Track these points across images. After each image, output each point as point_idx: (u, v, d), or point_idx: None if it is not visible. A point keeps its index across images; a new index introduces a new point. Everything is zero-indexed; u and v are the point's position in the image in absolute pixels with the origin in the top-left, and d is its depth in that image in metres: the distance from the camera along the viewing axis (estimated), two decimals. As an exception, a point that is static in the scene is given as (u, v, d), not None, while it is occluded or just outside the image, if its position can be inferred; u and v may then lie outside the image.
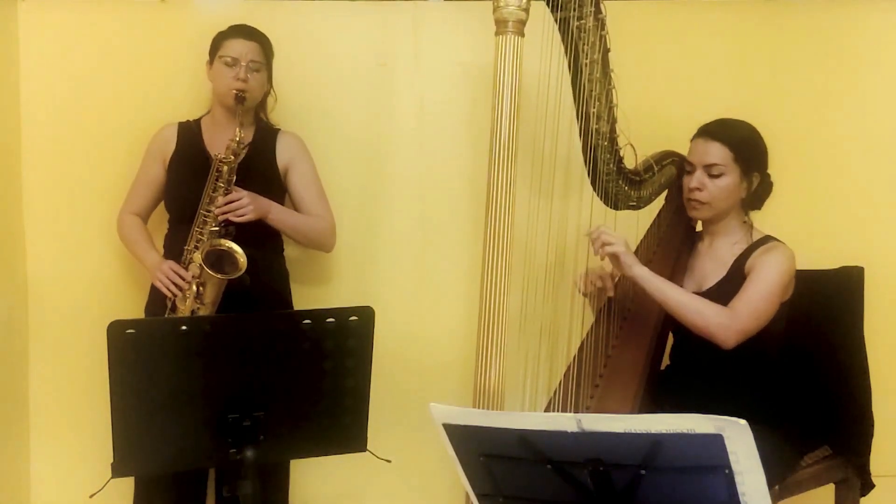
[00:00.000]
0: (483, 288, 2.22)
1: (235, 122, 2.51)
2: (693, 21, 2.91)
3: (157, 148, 2.66)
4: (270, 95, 2.69)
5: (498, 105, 2.19)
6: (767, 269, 2.19)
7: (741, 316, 2.14)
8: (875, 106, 2.91)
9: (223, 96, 2.56)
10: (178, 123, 2.68)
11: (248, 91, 2.53)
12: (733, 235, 2.31)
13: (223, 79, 2.54)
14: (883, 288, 2.63)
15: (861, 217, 2.91)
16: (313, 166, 2.73)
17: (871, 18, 2.90)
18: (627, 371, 2.27)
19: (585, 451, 1.39)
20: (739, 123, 2.30)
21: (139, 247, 2.63)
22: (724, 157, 2.24)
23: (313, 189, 2.71)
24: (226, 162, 2.47)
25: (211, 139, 2.63)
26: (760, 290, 2.17)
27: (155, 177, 2.66)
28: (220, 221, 2.46)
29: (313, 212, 2.69)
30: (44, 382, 2.92)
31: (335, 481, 2.95)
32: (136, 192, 2.69)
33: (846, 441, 2.40)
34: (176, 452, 1.81)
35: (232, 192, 2.47)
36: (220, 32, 2.61)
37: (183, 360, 1.73)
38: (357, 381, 1.85)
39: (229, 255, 2.46)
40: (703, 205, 2.28)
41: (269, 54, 2.62)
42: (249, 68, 2.54)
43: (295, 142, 2.71)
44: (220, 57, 2.55)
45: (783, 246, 2.26)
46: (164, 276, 2.47)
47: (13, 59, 2.85)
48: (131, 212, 2.69)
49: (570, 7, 2.19)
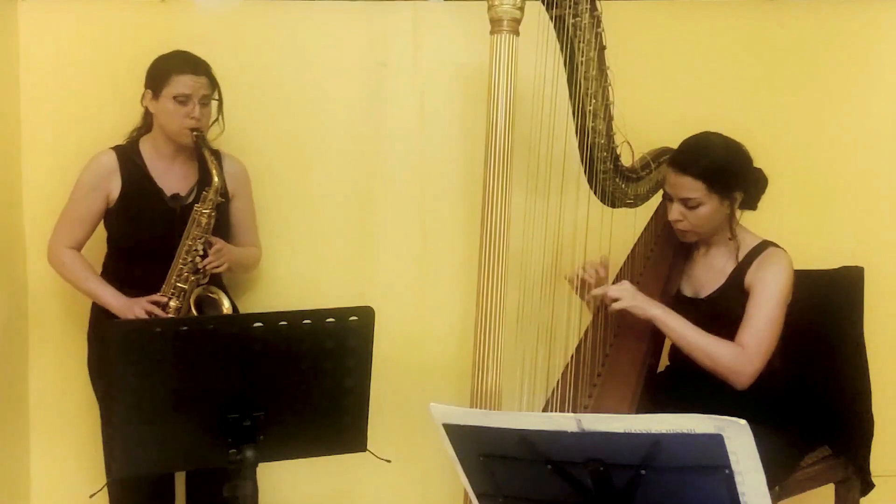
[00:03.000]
0: (480, 287, 2.22)
1: (184, 155, 2.57)
2: (690, 19, 2.91)
3: (96, 181, 2.56)
4: (217, 124, 2.61)
5: (493, 103, 2.19)
6: (766, 292, 2.18)
7: (753, 357, 2.14)
8: (875, 106, 2.91)
9: (177, 135, 2.51)
10: (114, 151, 2.58)
11: (203, 128, 2.52)
12: (727, 245, 2.30)
13: (175, 117, 2.48)
14: (883, 288, 2.63)
15: (861, 217, 2.91)
16: (251, 194, 2.75)
17: (871, 18, 2.90)
18: (625, 370, 2.27)
19: (585, 451, 1.39)
20: (711, 146, 2.23)
21: (90, 283, 2.56)
22: (697, 189, 2.19)
23: (253, 219, 2.76)
24: (204, 212, 2.48)
25: (157, 171, 2.58)
26: (765, 319, 2.17)
27: (97, 210, 2.57)
28: (198, 269, 2.49)
29: (249, 241, 2.74)
30: (44, 383, 2.92)
31: (335, 481, 2.95)
32: (75, 225, 2.58)
33: (846, 441, 2.40)
34: (176, 452, 1.81)
35: (211, 241, 2.49)
36: (163, 62, 2.52)
37: (183, 360, 1.73)
38: (357, 381, 1.85)
39: (213, 301, 2.54)
40: (686, 232, 2.28)
41: (215, 84, 2.56)
42: (201, 104, 2.50)
43: (240, 168, 2.70)
44: (174, 96, 2.48)
45: (780, 254, 2.25)
46: (144, 311, 2.46)
47: (13, 59, 2.85)
48: (68, 245, 2.58)
49: (565, 5, 2.19)
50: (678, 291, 2.36)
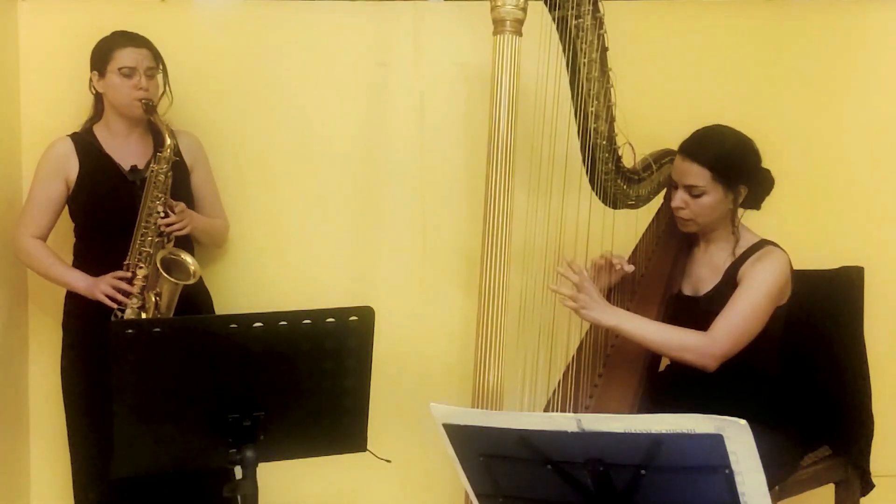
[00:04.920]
0: (482, 287, 2.22)
1: (139, 131, 2.61)
2: (692, 20, 2.91)
3: (55, 165, 2.59)
4: (166, 96, 2.65)
5: (496, 104, 2.19)
6: (753, 283, 2.18)
7: (719, 341, 2.14)
8: (875, 106, 2.91)
9: (127, 108, 2.55)
10: (69, 137, 2.62)
11: (152, 98, 2.55)
12: (726, 242, 2.30)
13: (123, 89, 2.53)
14: (883, 288, 2.63)
15: (861, 217, 2.91)
16: (210, 166, 2.77)
17: (871, 18, 2.90)
18: (627, 370, 2.27)
19: (585, 451, 1.39)
20: (721, 138, 2.24)
21: (56, 269, 2.58)
22: (702, 177, 2.20)
23: (215, 190, 2.78)
24: (161, 171, 2.49)
25: (114, 149, 2.61)
26: (742, 308, 2.17)
27: (57, 196, 2.59)
28: (162, 231, 2.50)
29: (214, 213, 2.76)
30: (44, 383, 2.92)
31: (336, 481, 2.95)
32: (37, 214, 2.60)
33: (846, 441, 2.40)
34: (176, 452, 1.80)
35: (171, 203, 2.50)
36: (104, 42, 2.58)
37: (183, 360, 1.73)
38: (357, 381, 1.85)
39: (179, 262, 2.54)
40: (687, 221, 2.28)
41: (158, 57, 2.60)
42: (146, 76, 2.54)
43: (195, 142, 2.73)
44: (118, 69, 2.52)
45: (776, 252, 2.24)
46: (110, 286, 2.48)
47: (13, 59, 2.85)
48: (33, 235, 2.60)
49: (567, 6, 2.19)
50: (679, 290, 2.36)
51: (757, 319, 2.17)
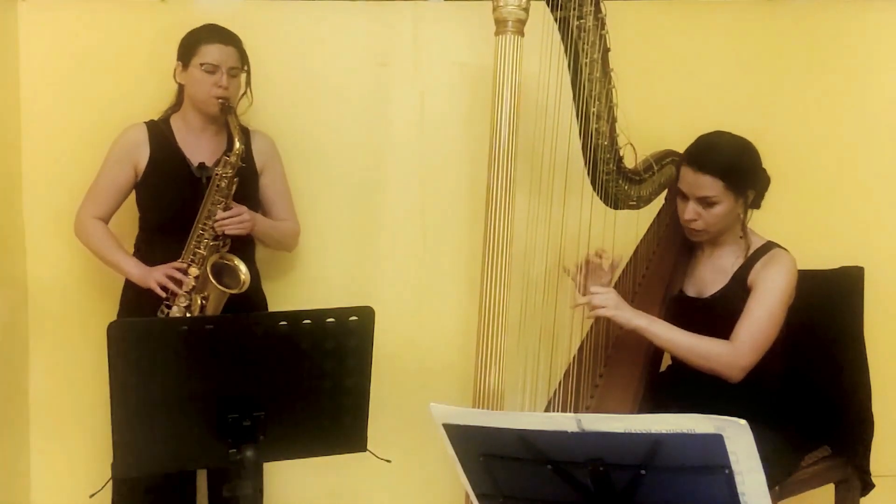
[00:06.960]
0: (483, 287, 2.22)
1: (214, 128, 2.58)
2: (693, 21, 2.91)
3: (126, 151, 2.59)
4: (245, 97, 2.65)
5: (498, 105, 2.19)
6: (767, 290, 2.18)
7: (745, 351, 2.15)
8: (875, 106, 2.91)
9: (204, 104, 2.53)
10: (145, 124, 2.61)
11: (230, 98, 2.52)
12: (733, 245, 2.30)
13: (203, 85, 2.51)
14: (883, 288, 2.63)
15: (861, 217, 2.91)
16: (283, 168, 2.74)
17: (871, 18, 2.90)
18: (627, 370, 2.27)
19: (585, 451, 1.39)
20: (727, 145, 2.23)
21: (114, 254, 2.57)
22: (715, 187, 2.18)
23: (285, 193, 2.74)
24: (225, 176, 2.47)
25: (186, 143, 2.59)
26: (761, 317, 2.17)
27: (125, 181, 2.59)
28: (218, 235, 2.47)
29: (283, 216, 2.72)
30: (44, 382, 2.92)
31: (335, 481, 2.95)
32: (102, 196, 2.60)
33: (846, 441, 2.40)
34: (176, 452, 1.81)
35: (231, 205, 2.48)
36: (193, 34, 2.56)
37: (183, 360, 1.73)
38: (357, 381, 1.85)
39: (231, 269, 2.50)
40: (699, 231, 2.27)
41: (244, 57, 2.59)
42: (229, 74, 2.52)
43: (268, 143, 2.71)
44: (201, 64, 2.50)
45: (784, 256, 2.25)
46: (164, 275, 2.46)
47: (13, 59, 2.85)
48: (95, 216, 2.60)
49: (569, 6, 2.19)
50: (681, 291, 2.36)
51: (775, 326, 2.19)
